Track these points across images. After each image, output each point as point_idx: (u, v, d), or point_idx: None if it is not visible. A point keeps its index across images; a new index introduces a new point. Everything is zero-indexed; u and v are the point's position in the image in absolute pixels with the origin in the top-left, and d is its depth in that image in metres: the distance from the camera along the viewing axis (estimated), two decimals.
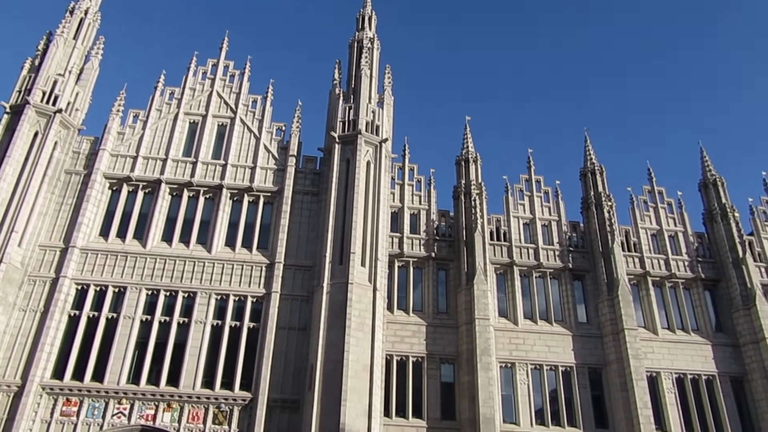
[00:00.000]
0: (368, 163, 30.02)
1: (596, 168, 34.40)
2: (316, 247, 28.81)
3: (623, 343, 29.11)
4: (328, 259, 27.26)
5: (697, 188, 35.79)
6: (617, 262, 31.19)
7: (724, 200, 34.31)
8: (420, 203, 32.81)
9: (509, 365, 29.08)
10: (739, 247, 32.55)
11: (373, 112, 31.52)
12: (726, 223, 33.56)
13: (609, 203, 33.09)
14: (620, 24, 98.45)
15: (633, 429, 27.30)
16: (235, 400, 25.26)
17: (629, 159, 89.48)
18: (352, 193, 28.73)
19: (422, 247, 31.42)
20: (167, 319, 26.84)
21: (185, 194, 30.16)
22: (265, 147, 31.81)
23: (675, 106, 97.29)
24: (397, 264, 30.90)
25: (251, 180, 30.67)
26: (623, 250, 32.37)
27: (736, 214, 33.83)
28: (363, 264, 27.22)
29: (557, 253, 32.27)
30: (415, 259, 31.17)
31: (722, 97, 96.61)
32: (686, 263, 32.95)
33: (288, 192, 30.18)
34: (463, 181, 32.86)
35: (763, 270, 33.01)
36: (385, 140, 31.09)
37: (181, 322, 26.84)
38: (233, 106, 33.03)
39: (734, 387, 29.96)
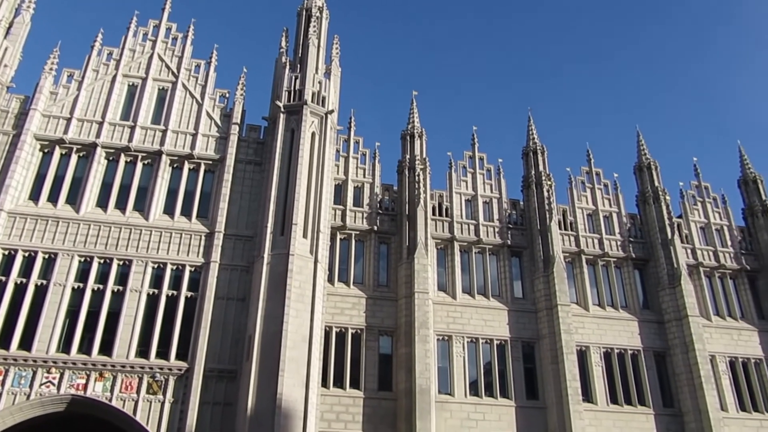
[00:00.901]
0: (313, 135, 29.76)
1: (538, 148, 35.12)
2: (258, 217, 28.51)
3: (556, 318, 30.14)
4: (269, 230, 27.05)
5: (632, 171, 37.06)
6: (554, 240, 32.12)
7: (656, 183, 35.66)
8: (364, 176, 32.82)
9: (446, 338, 29.71)
10: (668, 229, 34.00)
11: (320, 82, 31.16)
12: (657, 205, 34.93)
13: (549, 182, 33.91)
14: (565, 4, 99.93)
15: (561, 400, 28.44)
16: (170, 369, 24.93)
17: (570, 140, 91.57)
18: (295, 163, 28.48)
19: (365, 221, 31.52)
20: (101, 287, 26.12)
21: (122, 159, 29.22)
22: (208, 114, 31.05)
23: (616, 90, 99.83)
24: (339, 237, 30.93)
25: (192, 147, 29.93)
26: (560, 228, 33.34)
27: (667, 197, 35.25)
28: (305, 236, 27.13)
29: (497, 229, 32.95)
30: (358, 232, 31.27)
31: (661, 83, 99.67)
32: (619, 243, 34.21)
33: (230, 160, 29.64)
34: (408, 156, 33.02)
35: (689, 251, 34.62)
36: (331, 112, 30.84)
37: (115, 290, 26.18)
38: (175, 70, 32.03)
39: (657, 361, 31.54)
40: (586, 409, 28.80)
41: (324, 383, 27.08)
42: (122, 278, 26.47)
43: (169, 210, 28.55)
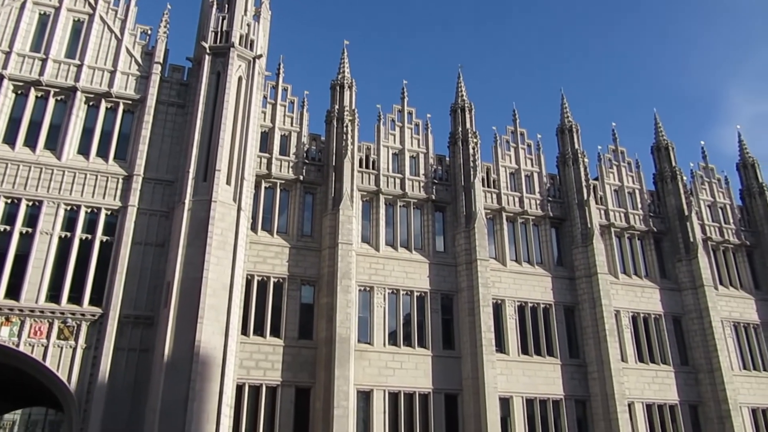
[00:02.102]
0: (240, 79, 28.89)
1: (466, 105, 35.46)
2: (180, 161, 27.64)
3: (475, 272, 31.10)
4: (191, 175, 26.32)
5: (555, 133, 38.11)
6: (477, 197, 32.86)
7: (576, 146, 36.87)
8: (292, 125, 32.28)
9: (368, 289, 30.15)
10: (585, 190, 35.41)
11: (248, 25, 30.10)
12: (576, 167, 36.21)
13: (475, 140, 34.44)
14: None
15: (476, 350, 29.62)
16: (83, 315, 24.20)
17: (498, 100, 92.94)
18: (221, 108, 27.63)
19: (291, 170, 31.15)
20: (7, 228, 24.81)
21: (32, 94, 27.43)
22: (128, 50, 29.47)
23: (546, 53, 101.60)
24: (264, 185, 30.51)
25: (110, 85, 28.43)
26: (483, 185, 34.10)
27: (586, 160, 36.57)
28: (228, 182, 26.58)
29: (422, 184, 33.34)
30: (283, 181, 30.91)
31: (589, 51, 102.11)
32: (538, 202, 35.38)
33: (151, 101, 28.39)
34: (337, 107, 32.63)
35: (602, 212, 36.26)
36: (260, 56, 29.97)
37: (24, 232, 24.93)
38: (92, 1, 30.07)
39: (566, 315, 33.25)
40: (498, 358, 30.15)
41: (244, 331, 27.07)
42: (32, 220, 25.20)
43: (84, 150, 27.20)
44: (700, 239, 36.68)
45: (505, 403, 29.78)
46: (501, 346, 31.01)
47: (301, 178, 31.06)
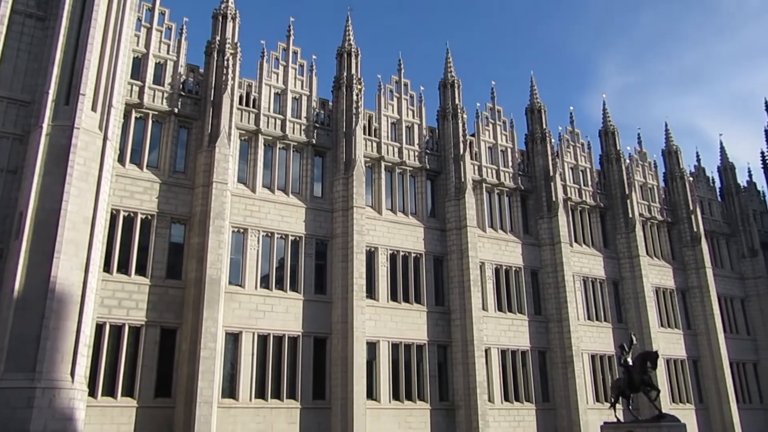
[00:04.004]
0: None
1: (353, 50, 34.94)
2: (38, 81, 25.10)
3: (350, 219, 31.35)
4: (51, 98, 23.97)
5: (437, 86, 38.63)
6: (357, 144, 32.84)
7: (457, 101, 37.70)
8: (168, 53, 30.21)
9: (242, 230, 29.52)
10: (462, 146, 36.50)
11: None
12: (455, 122, 37.12)
13: (359, 87, 34.15)
14: None
15: (347, 295, 30.14)
16: None
17: (386, 47, 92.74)
18: (87, 24, 25.17)
19: (165, 101, 29.33)
20: None
21: None
22: None
23: (436, 3, 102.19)
24: (134, 115, 28.54)
25: None
26: (364, 133, 34.10)
27: (464, 116, 37.56)
28: (94, 109, 24.53)
29: (303, 127, 32.76)
30: (156, 113, 29.07)
31: (476, 3, 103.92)
32: (416, 154, 36.03)
33: (5, 10, 25.26)
34: (218, 38, 30.90)
35: (476, 168, 37.67)
36: None
37: None
38: None
39: (435, 264, 34.60)
40: (368, 304, 30.91)
41: (107, 269, 25.67)
42: None
43: None
44: (561, 199, 39.27)
45: (372, 347, 30.74)
46: (371, 292, 31.76)
47: (176, 110, 29.36)
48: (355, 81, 34.00)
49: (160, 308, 26.50)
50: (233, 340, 27.90)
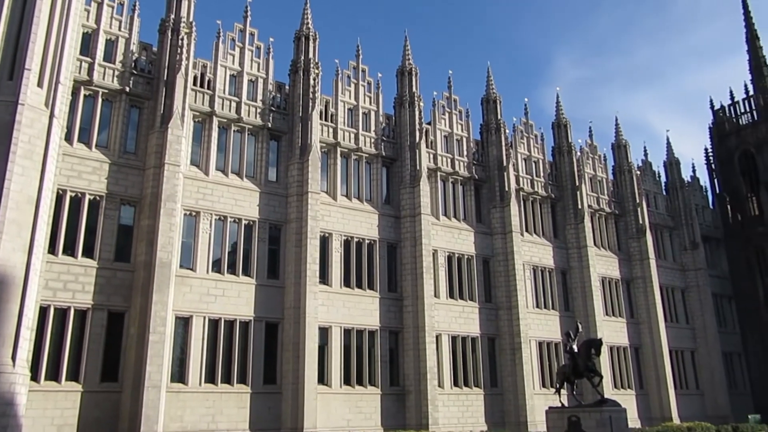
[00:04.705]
0: None
1: (311, 34, 34.59)
2: None
3: (305, 204, 31.21)
4: None
5: (395, 74, 38.65)
6: (313, 129, 32.63)
7: (414, 89, 37.78)
8: (120, 30, 29.33)
9: (194, 213, 29.08)
10: (417, 133, 36.68)
11: None
12: (411, 110, 37.25)
13: (316, 71, 33.86)
14: None
15: (300, 281, 30.08)
16: None
17: (345, 33, 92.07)
18: None
19: (116, 79, 28.52)
20: None
21: None
22: None
23: None
24: (83, 92, 27.68)
25: None
26: (321, 118, 33.92)
27: (421, 104, 37.73)
28: (40, 85, 23.62)
29: (259, 111, 32.36)
30: (106, 91, 28.25)
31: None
32: (372, 140, 36.05)
33: None
34: (173, 16, 30.14)
35: (431, 156, 37.95)
36: None
37: None
38: None
39: (389, 251, 34.82)
40: (321, 290, 30.92)
41: (52, 250, 24.95)
42: None
43: None
44: (514, 189, 39.96)
45: (324, 333, 30.82)
46: (325, 277, 31.77)
47: (128, 89, 28.60)
48: (312, 65, 33.71)
49: (108, 291, 25.94)
50: (183, 324, 27.55)
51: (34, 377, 23.39)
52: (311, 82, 33.36)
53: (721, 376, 46.60)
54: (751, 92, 57.27)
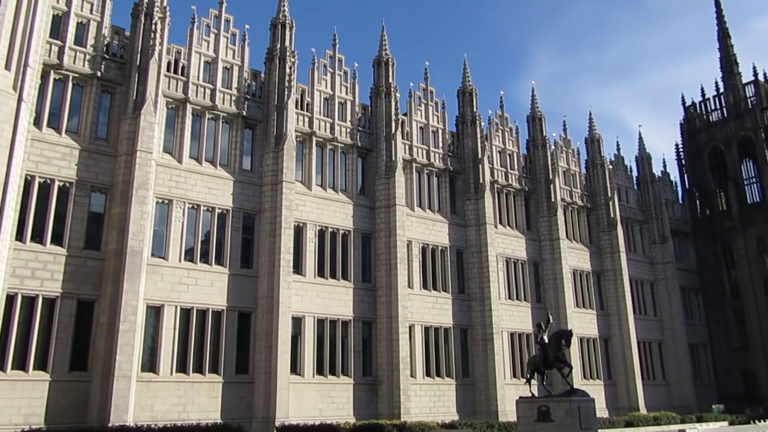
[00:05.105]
0: None
1: (287, 22, 34.24)
2: None
3: (280, 193, 31.03)
4: None
5: (371, 64, 38.48)
6: (289, 118, 32.40)
7: (390, 80, 37.72)
8: (91, 13, 28.70)
9: (166, 202, 28.73)
10: (393, 124, 36.66)
11: None
12: (388, 100, 37.19)
13: (292, 59, 33.58)
14: None
15: (274, 270, 29.94)
16: None
17: (322, 21, 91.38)
18: None
19: (87, 64, 27.96)
20: None
21: None
22: None
23: None
24: (53, 76, 27.08)
25: None
26: (297, 107, 33.68)
27: (398, 95, 37.69)
28: (7, 67, 23.12)
29: (234, 98, 32.01)
30: (77, 75, 27.68)
31: None
32: (348, 130, 35.92)
33: None
34: (146, 1, 29.60)
35: (407, 147, 37.98)
36: None
37: None
38: None
39: (363, 242, 34.83)
40: (295, 279, 30.83)
41: (20, 237, 24.47)
42: None
43: None
44: (488, 181, 40.20)
45: (298, 322, 30.76)
46: (298, 267, 31.68)
47: (99, 74, 28.05)
48: (288, 53, 33.41)
49: (78, 280, 25.54)
50: (155, 313, 27.27)
51: (1, 366, 23.06)
52: (287, 70, 33.08)
53: (687, 367, 47.67)
54: (722, 90, 58.27)
